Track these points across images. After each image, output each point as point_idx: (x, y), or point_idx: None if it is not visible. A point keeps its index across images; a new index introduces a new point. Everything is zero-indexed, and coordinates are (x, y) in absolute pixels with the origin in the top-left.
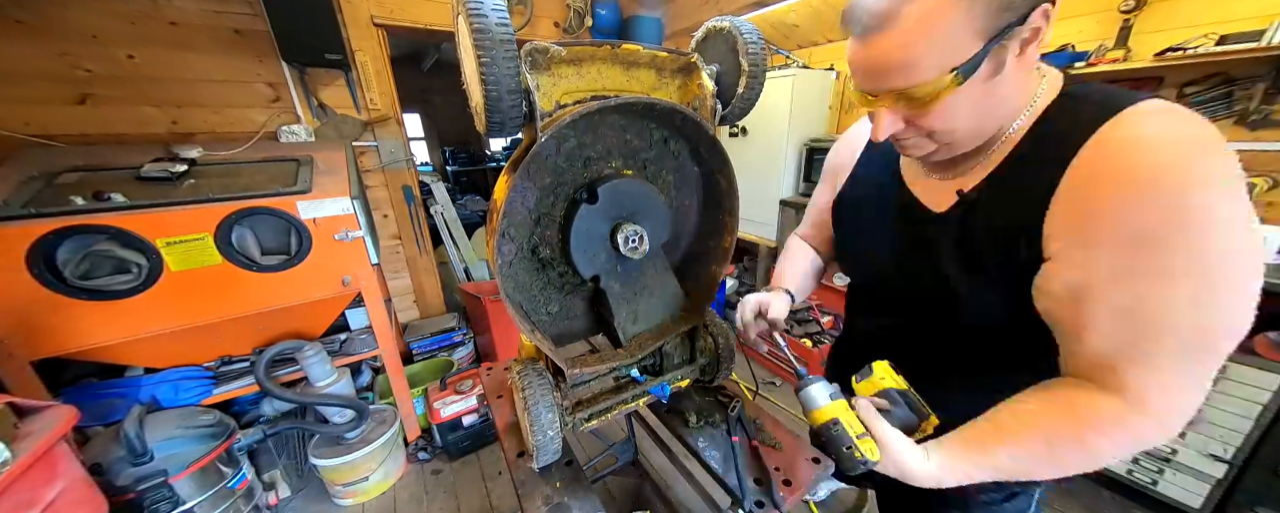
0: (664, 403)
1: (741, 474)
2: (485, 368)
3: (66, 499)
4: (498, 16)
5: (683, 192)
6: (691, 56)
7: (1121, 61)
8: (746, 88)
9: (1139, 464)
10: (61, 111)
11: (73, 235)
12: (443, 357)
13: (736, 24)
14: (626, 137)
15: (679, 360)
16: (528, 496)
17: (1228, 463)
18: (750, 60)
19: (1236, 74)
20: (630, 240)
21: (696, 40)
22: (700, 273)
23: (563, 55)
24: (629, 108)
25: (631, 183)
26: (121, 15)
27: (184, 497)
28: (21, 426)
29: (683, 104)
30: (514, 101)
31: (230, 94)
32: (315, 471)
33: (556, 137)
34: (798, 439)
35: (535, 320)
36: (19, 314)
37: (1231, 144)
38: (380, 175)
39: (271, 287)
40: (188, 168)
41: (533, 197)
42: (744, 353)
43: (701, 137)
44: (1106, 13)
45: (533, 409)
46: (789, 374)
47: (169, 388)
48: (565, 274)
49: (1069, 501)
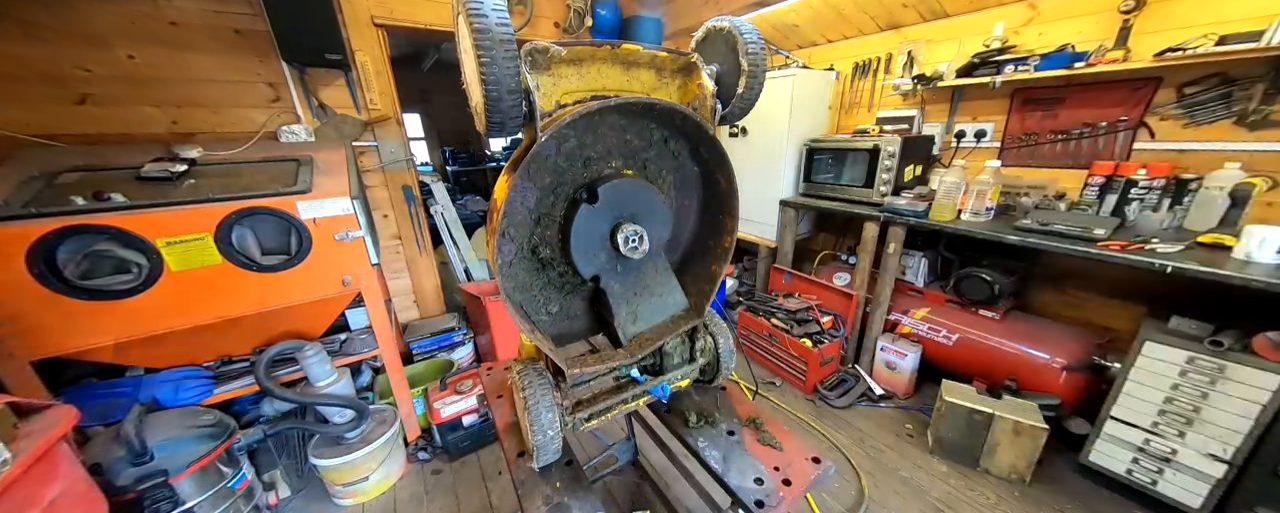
0: (664, 403)
1: (741, 474)
2: (485, 368)
3: (67, 499)
4: (498, 17)
5: (682, 192)
6: (691, 57)
7: (1121, 62)
8: (746, 88)
9: (1139, 464)
10: (62, 111)
11: (73, 235)
12: (443, 357)
13: (736, 24)
14: (626, 137)
15: (679, 360)
16: (528, 495)
17: (1228, 463)
18: (750, 60)
19: (1236, 74)
20: (630, 240)
21: (696, 40)
22: (700, 273)
23: (563, 55)
24: (629, 108)
25: (631, 183)
26: (121, 15)
27: (184, 497)
28: (21, 426)
29: (683, 104)
30: (514, 101)
31: (230, 94)
32: (315, 470)
33: (557, 137)
34: (798, 439)
35: (535, 320)
36: (19, 314)
37: (1231, 144)
38: (380, 175)
39: (271, 287)
40: (188, 168)
41: (533, 197)
42: (744, 353)
43: (701, 136)
44: (1106, 13)
45: (533, 409)
46: (790, 374)
47: (169, 388)
48: (565, 274)
49: (1068, 500)
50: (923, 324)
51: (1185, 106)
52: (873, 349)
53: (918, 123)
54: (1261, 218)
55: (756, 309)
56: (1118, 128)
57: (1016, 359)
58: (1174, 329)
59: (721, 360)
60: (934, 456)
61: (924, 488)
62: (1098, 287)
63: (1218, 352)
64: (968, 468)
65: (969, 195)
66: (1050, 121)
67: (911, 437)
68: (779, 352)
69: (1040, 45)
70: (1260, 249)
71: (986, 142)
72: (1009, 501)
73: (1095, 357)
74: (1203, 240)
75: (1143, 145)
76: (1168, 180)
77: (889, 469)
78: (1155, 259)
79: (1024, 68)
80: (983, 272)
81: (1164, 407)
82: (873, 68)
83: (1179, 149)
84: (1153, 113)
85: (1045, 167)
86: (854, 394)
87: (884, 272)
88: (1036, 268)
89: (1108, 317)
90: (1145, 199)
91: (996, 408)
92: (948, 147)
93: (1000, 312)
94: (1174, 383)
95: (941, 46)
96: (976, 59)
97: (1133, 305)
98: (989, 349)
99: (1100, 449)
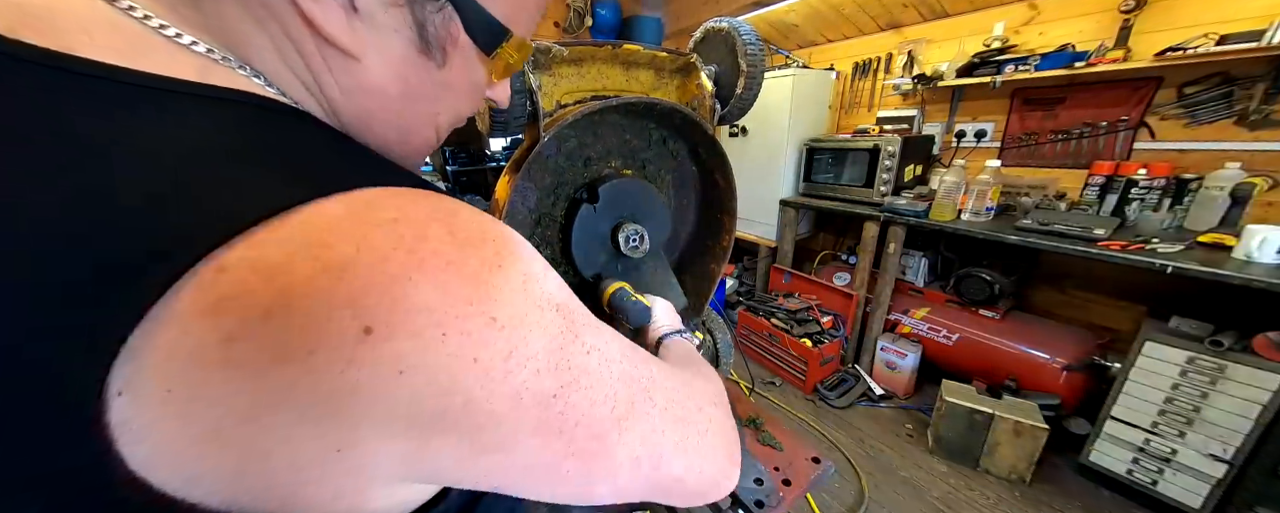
0: None
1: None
2: None
3: None
4: None
5: (682, 191)
6: (690, 57)
7: (1121, 61)
8: (745, 87)
9: (1139, 464)
10: None
11: None
12: None
13: (734, 24)
14: (626, 137)
15: None
16: None
17: (1228, 463)
18: (748, 60)
19: (1236, 74)
20: (631, 240)
21: (694, 41)
22: (699, 271)
23: (565, 55)
24: (630, 108)
25: (632, 182)
26: None
27: None
28: None
29: (682, 104)
30: (518, 102)
31: None
32: None
33: (557, 137)
34: (798, 439)
35: None
36: None
37: (1231, 144)
38: None
39: None
40: None
41: (534, 197)
42: (744, 353)
43: (700, 136)
44: (1106, 13)
45: None
46: (789, 374)
47: None
48: (566, 274)
49: (1069, 500)
50: (923, 324)
51: (1186, 106)
52: (873, 349)
53: (918, 123)
54: (1262, 218)
55: (756, 309)
56: (1118, 128)
57: (1016, 359)
58: (1174, 329)
59: (720, 356)
60: (934, 455)
61: (924, 488)
62: (1098, 287)
63: (1218, 352)
64: (968, 468)
65: (969, 195)
66: (1050, 121)
67: (911, 437)
68: (779, 351)
69: (1040, 45)
70: (1261, 249)
71: (986, 141)
72: (1009, 501)
73: (1095, 357)
74: (1203, 240)
75: (1143, 145)
76: (1168, 180)
77: (889, 469)
78: (1155, 259)
79: (1024, 67)
80: (983, 271)
81: (1164, 407)
82: (873, 67)
83: (1179, 149)
84: (1153, 113)
85: (1045, 166)
86: (854, 394)
87: (884, 272)
88: (1037, 268)
89: (1108, 317)
90: (1145, 199)
91: (996, 408)
92: (948, 146)
93: (1000, 311)
94: (1174, 383)
95: (941, 46)
96: (976, 59)
97: (1133, 305)
98: (989, 349)
99: (1100, 449)
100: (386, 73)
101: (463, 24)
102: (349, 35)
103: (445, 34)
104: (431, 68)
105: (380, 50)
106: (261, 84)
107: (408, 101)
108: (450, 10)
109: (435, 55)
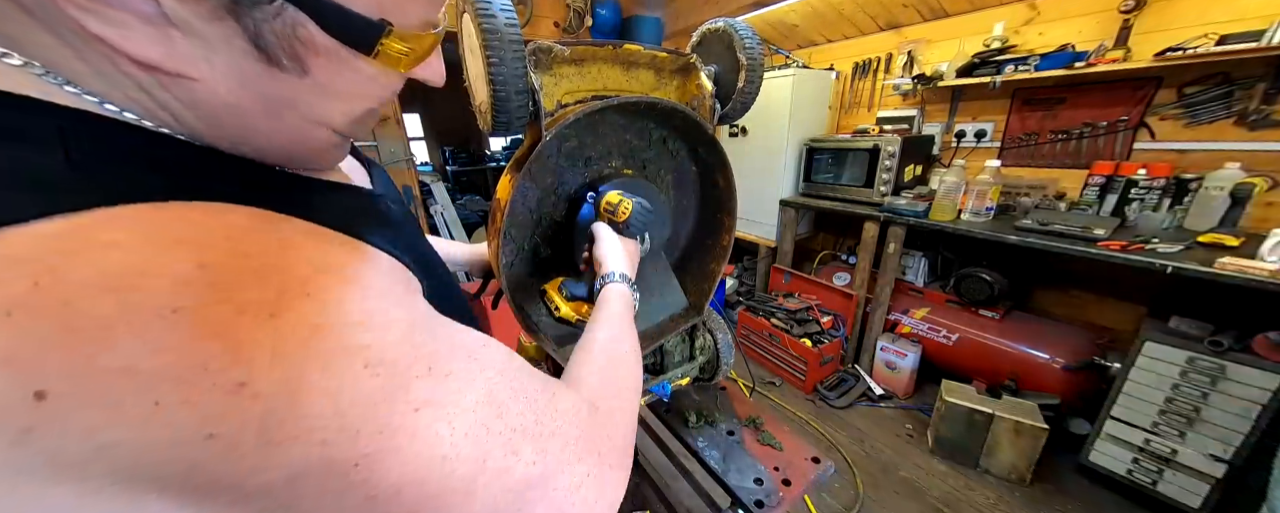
0: (665, 402)
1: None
2: None
3: None
4: (506, 17)
5: (682, 191)
6: (690, 57)
7: (1121, 61)
8: (745, 81)
9: (1139, 464)
10: None
11: None
12: None
13: (733, 25)
14: (626, 136)
15: (679, 359)
16: None
17: (1228, 463)
18: (746, 54)
19: (1236, 74)
20: None
21: (693, 43)
22: (699, 271)
23: (566, 55)
24: (630, 107)
25: (633, 182)
26: None
27: None
28: None
29: (682, 104)
30: (521, 101)
31: None
32: None
33: (558, 136)
34: (798, 439)
35: (536, 321)
36: None
37: (1231, 144)
38: None
39: None
40: None
41: (534, 197)
42: (744, 353)
43: (700, 136)
44: (1106, 13)
45: None
46: (789, 374)
47: None
48: (565, 272)
49: (1068, 500)
50: (923, 324)
51: (1185, 106)
52: (873, 349)
53: (918, 123)
54: (1262, 218)
55: (756, 309)
56: (1118, 128)
57: (1016, 359)
58: (1174, 329)
59: (721, 356)
60: (934, 455)
61: (924, 488)
62: (1098, 287)
63: (1218, 352)
64: (967, 468)
65: (969, 195)
66: (1050, 121)
67: (911, 437)
68: (779, 352)
69: (1040, 45)
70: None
71: (986, 141)
72: (1009, 501)
73: (1095, 357)
74: (1203, 240)
75: (1143, 145)
76: (1168, 180)
77: (889, 469)
78: (1155, 259)
79: (1024, 68)
80: (983, 271)
81: (1164, 407)
82: (873, 67)
83: (1179, 149)
84: (1153, 113)
85: (1045, 167)
86: (854, 394)
87: (884, 272)
88: (1037, 268)
89: (1108, 317)
90: (1145, 199)
91: (996, 408)
92: (948, 146)
93: (1000, 311)
94: (1174, 383)
95: (941, 46)
96: (976, 59)
97: (1133, 305)
98: (989, 349)
99: (1100, 449)
100: (233, 88)
101: (319, 26)
102: (168, 57)
103: (293, 40)
104: (289, 78)
105: (216, 67)
106: (90, 98)
107: (271, 115)
108: (292, 14)
109: (285, 64)
